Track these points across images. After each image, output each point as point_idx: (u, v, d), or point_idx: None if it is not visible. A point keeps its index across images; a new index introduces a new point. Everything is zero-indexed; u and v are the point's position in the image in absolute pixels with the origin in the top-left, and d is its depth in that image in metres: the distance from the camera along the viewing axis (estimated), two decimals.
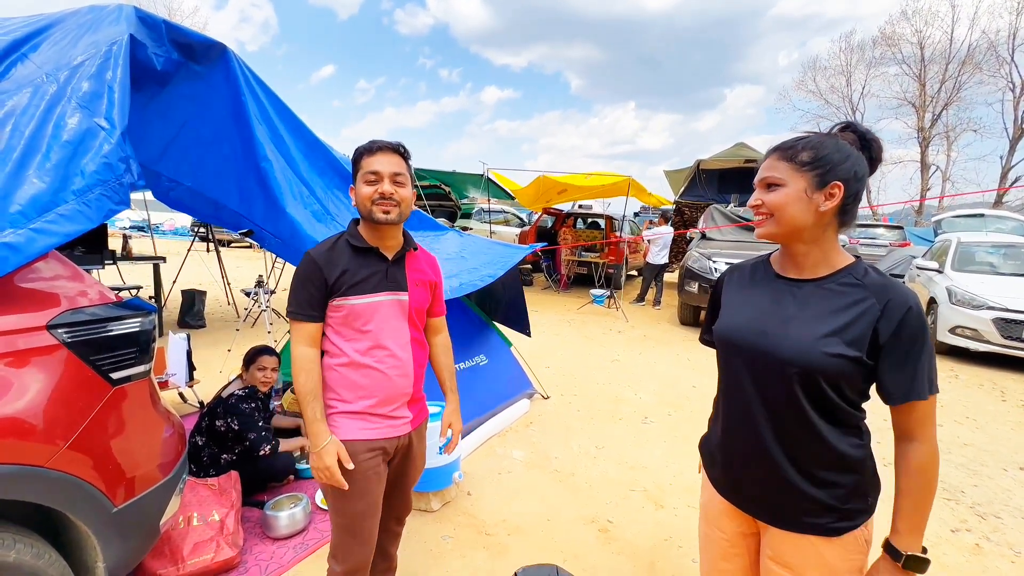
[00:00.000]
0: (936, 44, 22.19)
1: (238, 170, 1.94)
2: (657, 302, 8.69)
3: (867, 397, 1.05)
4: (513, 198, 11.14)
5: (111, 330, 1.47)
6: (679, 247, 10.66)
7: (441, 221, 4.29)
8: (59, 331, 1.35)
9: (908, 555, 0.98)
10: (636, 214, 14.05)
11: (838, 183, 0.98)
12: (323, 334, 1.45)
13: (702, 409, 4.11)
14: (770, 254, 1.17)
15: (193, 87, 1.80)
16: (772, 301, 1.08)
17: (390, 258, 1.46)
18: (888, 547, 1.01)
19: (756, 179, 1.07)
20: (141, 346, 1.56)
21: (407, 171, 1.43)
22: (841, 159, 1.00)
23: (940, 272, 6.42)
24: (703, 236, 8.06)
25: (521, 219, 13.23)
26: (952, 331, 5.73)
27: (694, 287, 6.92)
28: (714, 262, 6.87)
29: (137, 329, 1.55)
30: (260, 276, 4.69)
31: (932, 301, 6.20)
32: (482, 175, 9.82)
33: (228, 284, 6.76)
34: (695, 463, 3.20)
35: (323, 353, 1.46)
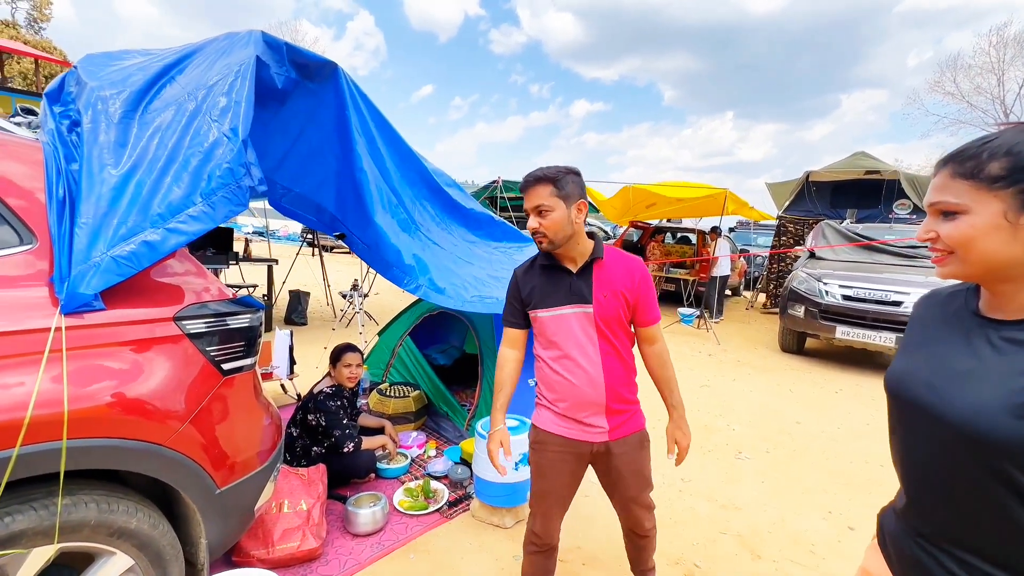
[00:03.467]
0: None
1: (338, 178, 2.09)
2: (701, 315, 8.03)
3: None
4: (598, 211, 10.93)
5: (226, 324, 1.60)
6: (782, 266, 9.73)
7: (526, 232, 4.28)
8: (183, 323, 1.49)
9: None
10: (731, 229, 13.10)
11: None
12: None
13: (807, 448, 3.65)
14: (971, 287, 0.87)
15: (306, 103, 1.96)
16: (956, 345, 0.81)
17: (574, 271, 1.55)
18: None
19: (925, 202, 0.82)
20: (249, 341, 1.68)
21: (552, 196, 1.47)
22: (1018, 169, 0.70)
23: None
24: (811, 255, 7.27)
25: (606, 232, 12.95)
26: None
27: (799, 311, 6.24)
28: (824, 284, 6.14)
29: (247, 324, 1.67)
30: (356, 280, 5.00)
31: None
32: None
33: (328, 287, 7.33)
34: (797, 508, 2.83)
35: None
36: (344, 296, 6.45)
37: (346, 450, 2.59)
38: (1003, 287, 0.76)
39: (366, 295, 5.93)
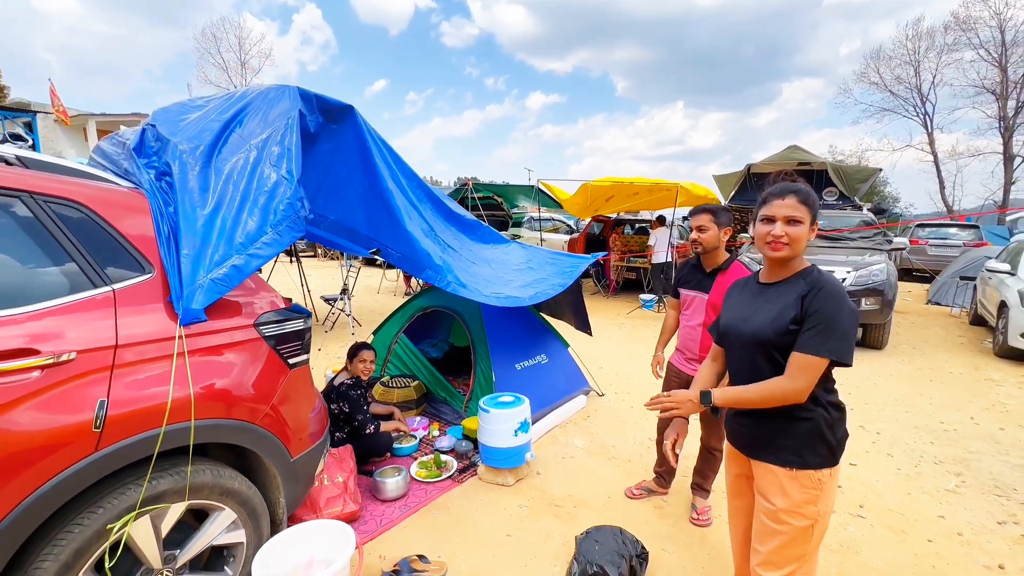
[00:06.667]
0: (1019, 26, 20.50)
1: (366, 201, 2.47)
2: (660, 300, 8.78)
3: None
4: (561, 206, 11.50)
5: (288, 327, 1.99)
6: (729, 246, 10.60)
7: (502, 233, 4.74)
8: (260, 327, 1.88)
9: (705, 390, 1.50)
10: (684, 218, 13.98)
11: (817, 220, 1.47)
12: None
13: None
14: (759, 271, 1.63)
15: (331, 141, 2.33)
16: (750, 299, 1.55)
17: (707, 272, 2.47)
18: (703, 393, 1.50)
19: (782, 215, 1.44)
20: (304, 340, 2.08)
21: (711, 221, 2.41)
22: (816, 203, 1.46)
23: (1013, 274, 6.17)
24: (753, 242, 8.09)
25: (569, 226, 13.56)
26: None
27: None
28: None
29: (302, 327, 2.07)
30: (345, 284, 5.30)
31: (1003, 305, 5.98)
32: (532, 186, 10.25)
33: (308, 291, 7.56)
34: None
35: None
36: (329, 301, 6.72)
37: (368, 432, 3.00)
38: (784, 265, 1.48)
39: (350, 297, 6.22)
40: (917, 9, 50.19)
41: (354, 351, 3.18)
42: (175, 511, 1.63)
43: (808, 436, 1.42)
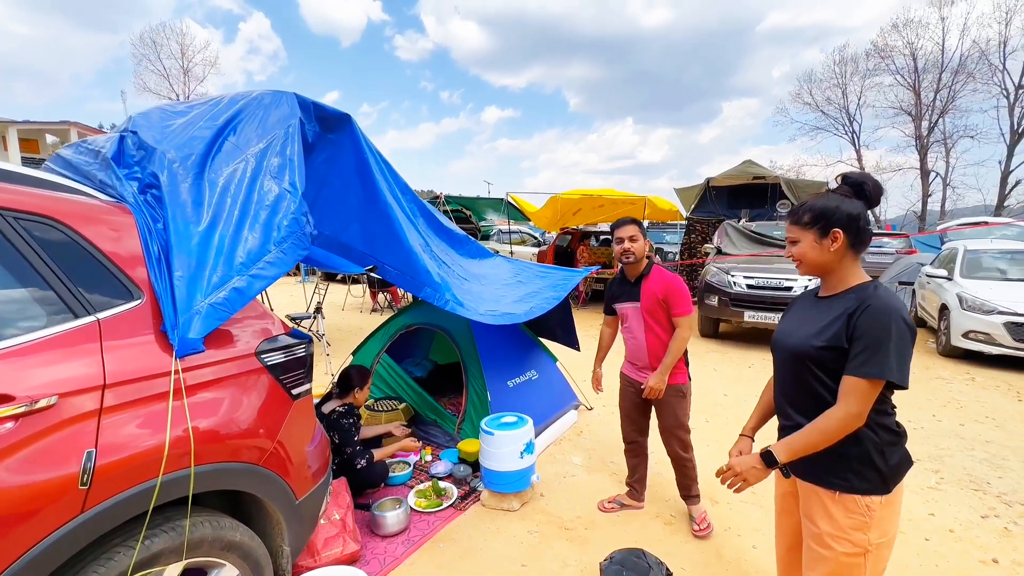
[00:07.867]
0: (928, 55, 22.86)
1: (362, 215, 2.32)
2: None
3: None
4: (528, 219, 11.55)
5: (290, 355, 1.81)
6: (695, 257, 10.97)
7: (485, 246, 4.64)
8: (262, 356, 1.69)
9: (765, 449, 1.38)
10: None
11: (837, 230, 1.36)
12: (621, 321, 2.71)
13: (736, 416, 4.39)
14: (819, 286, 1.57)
15: (328, 152, 2.17)
16: (804, 312, 1.50)
17: (632, 281, 2.57)
18: (763, 450, 1.40)
19: (787, 238, 1.50)
20: (307, 368, 1.90)
21: (638, 231, 2.51)
22: (833, 210, 1.37)
23: (949, 279, 6.70)
24: (719, 251, 8.39)
25: (536, 238, 13.64)
26: (965, 336, 6.00)
27: (714, 300, 7.22)
28: (732, 276, 7.18)
29: (304, 354, 1.89)
30: (319, 304, 5.01)
31: (944, 308, 6.48)
32: (500, 199, 10.24)
33: (271, 309, 7.12)
34: None
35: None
36: (297, 320, 6.36)
37: (359, 466, 2.78)
38: (825, 279, 1.46)
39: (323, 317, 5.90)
40: (841, 37, 55.08)
41: (362, 377, 2.97)
42: (171, 573, 1.41)
43: (855, 459, 1.34)
